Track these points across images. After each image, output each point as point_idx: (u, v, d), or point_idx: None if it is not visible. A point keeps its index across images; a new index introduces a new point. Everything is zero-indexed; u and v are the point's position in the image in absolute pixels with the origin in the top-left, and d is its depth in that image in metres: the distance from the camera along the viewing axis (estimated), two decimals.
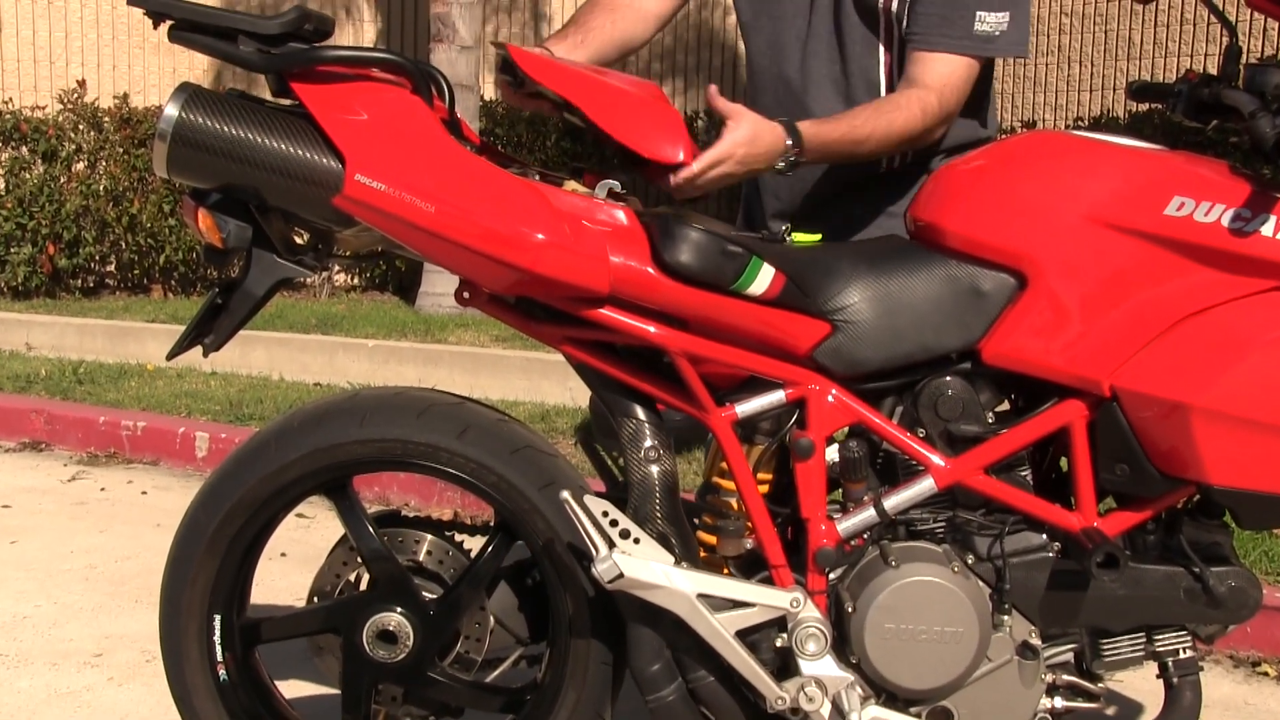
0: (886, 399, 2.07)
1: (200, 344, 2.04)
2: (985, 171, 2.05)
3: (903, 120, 2.28)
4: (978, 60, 2.36)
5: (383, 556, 2.18)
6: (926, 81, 2.32)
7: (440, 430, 2.12)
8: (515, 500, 2.13)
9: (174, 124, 1.87)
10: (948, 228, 2.01)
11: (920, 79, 2.33)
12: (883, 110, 2.29)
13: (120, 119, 9.22)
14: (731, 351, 2.01)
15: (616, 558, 1.95)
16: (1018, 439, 2.02)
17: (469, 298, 2.06)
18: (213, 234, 1.94)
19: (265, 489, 2.14)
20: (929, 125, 2.31)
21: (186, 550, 2.17)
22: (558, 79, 2.00)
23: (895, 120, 2.28)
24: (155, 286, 9.55)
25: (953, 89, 2.34)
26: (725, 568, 2.12)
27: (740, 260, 1.93)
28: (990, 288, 1.99)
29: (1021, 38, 2.37)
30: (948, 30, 2.32)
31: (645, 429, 2.06)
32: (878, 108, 2.30)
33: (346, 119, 1.89)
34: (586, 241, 1.91)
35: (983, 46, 2.34)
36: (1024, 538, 2.05)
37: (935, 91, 2.31)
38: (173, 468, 5.31)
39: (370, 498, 4.65)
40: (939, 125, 2.34)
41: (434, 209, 1.87)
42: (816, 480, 2.02)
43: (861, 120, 2.26)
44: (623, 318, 1.98)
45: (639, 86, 2.04)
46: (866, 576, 2.03)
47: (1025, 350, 1.98)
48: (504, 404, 5.62)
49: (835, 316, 1.98)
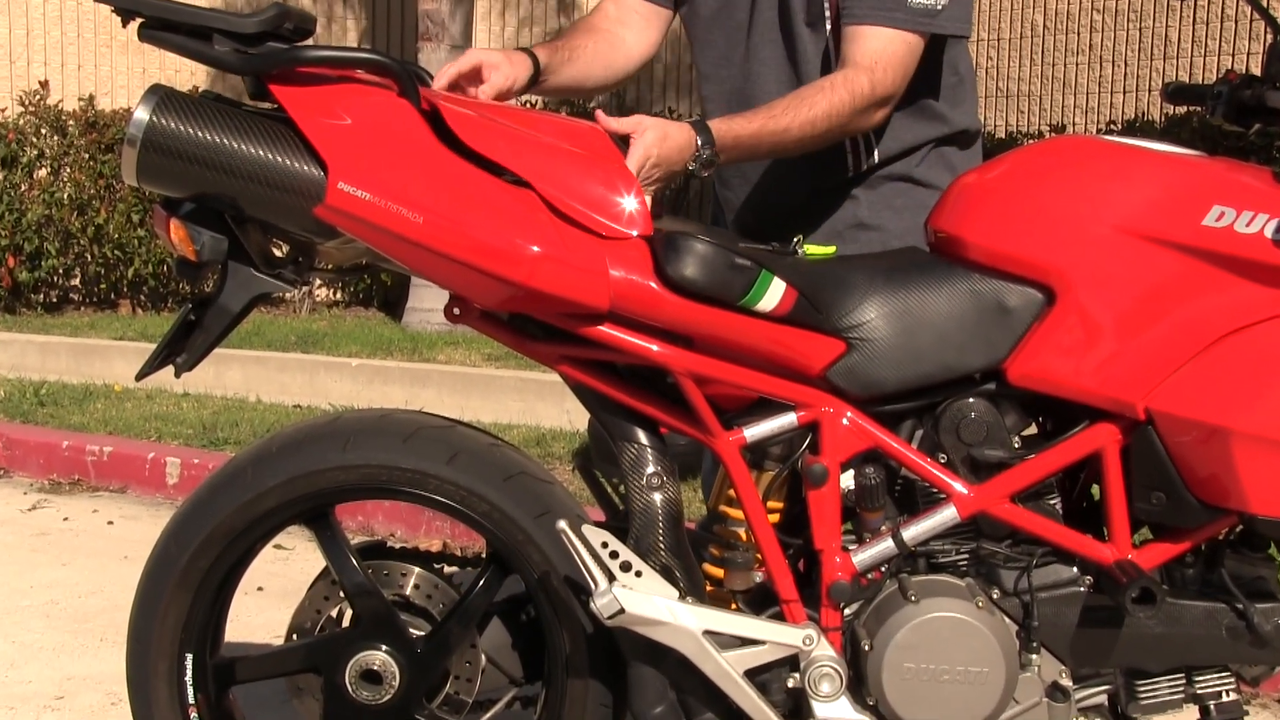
0: (905, 422, 2.07)
1: (172, 363, 2.05)
2: (1011, 180, 2.06)
3: (825, 104, 2.25)
4: (917, 36, 2.34)
5: (367, 591, 2.19)
6: (857, 59, 2.30)
7: (428, 455, 2.13)
8: (509, 530, 2.13)
9: (144, 129, 1.88)
10: (970, 239, 2.01)
11: (851, 57, 2.31)
12: (804, 97, 2.27)
13: (86, 123, 9.25)
14: (739, 371, 2.01)
15: (617, 592, 1.95)
16: (1046, 465, 2.02)
17: (459, 314, 2.07)
18: (185, 246, 1.95)
19: (241, 519, 2.15)
20: (859, 107, 2.28)
21: (156, 584, 2.18)
22: (487, 142, 1.96)
23: (817, 105, 2.25)
24: (123, 302, 9.57)
25: (887, 67, 2.30)
26: (733, 603, 2.12)
27: (749, 274, 1.94)
28: (1016, 303, 1.99)
29: (964, 15, 2.37)
30: (879, 2, 2.31)
31: (647, 454, 2.06)
32: (798, 94, 2.29)
33: (329, 123, 1.90)
34: (585, 254, 1.91)
35: (920, 21, 2.32)
36: (1053, 571, 2.05)
37: (866, 70, 2.28)
38: (141, 496, 5.31)
39: (353, 528, 4.65)
40: (873, 108, 2.31)
41: (422, 219, 1.87)
42: (830, 509, 2.03)
43: (780, 110, 2.25)
44: (624, 335, 1.98)
45: (574, 136, 2.02)
46: (884, 612, 2.03)
47: (1054, 370, 1.98)
48: (496, 427, 5.62)
49: (850, 334, 1.99)
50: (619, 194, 1.95)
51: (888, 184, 2.51)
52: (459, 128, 1.95)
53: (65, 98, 9.69)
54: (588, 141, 2.02)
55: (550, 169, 1.95)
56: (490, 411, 6.08)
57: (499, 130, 1.97)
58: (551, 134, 2.00)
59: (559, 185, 1.94)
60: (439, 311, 6.08)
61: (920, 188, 2.50)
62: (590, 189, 1.94)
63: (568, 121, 2.07)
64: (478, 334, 2.33)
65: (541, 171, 1.94)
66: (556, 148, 1.97)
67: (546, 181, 1.94)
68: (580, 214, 1.93)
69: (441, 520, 4.49)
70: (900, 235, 2.46)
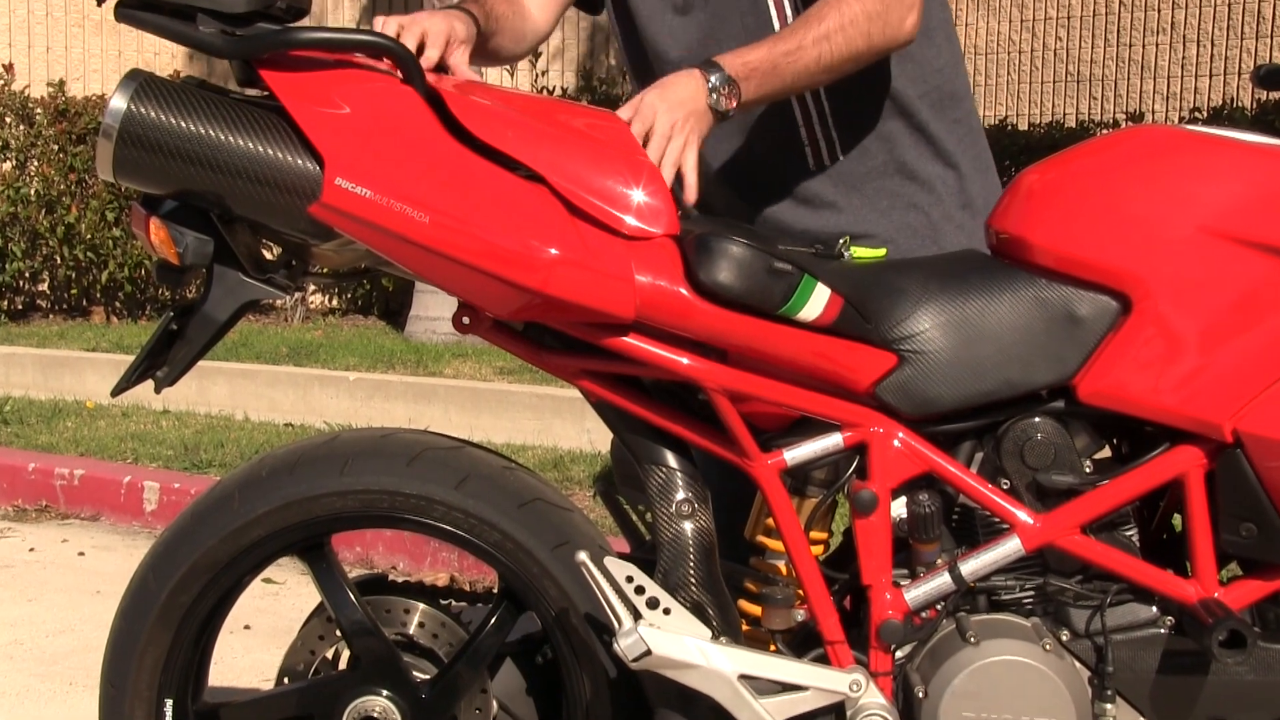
0: (963, 444, 2.08)
1: (151, 378, 2.06)
2: (1082, 175, 2.06)
3: (835, 15, 2.21)
4: None
5: (366, 629, 2.19)
6: None
7: (434, 479, 2.14)
8: (523, 563, 2.14)
9: (121, 118, 1.90)
10: (1036, 241, 2.01)
11: None
12: (809, 14, 2.24)
13: (55, 111, 9.31)
14: (779, 387, 2.02)
15: (643, 631, 1.96)
16: (1121, 492, 2.02)
17: (469, 323, 2.08)
18: (167, 248, 1.96)
19: (227, 549, 2.16)
20: (875, 10, 2.22)
21: (133, 622, 2.19)
22: (497, 132, 1.96)
23: (827, 18, 2.21)
24: (96, 309, 9.62)
25: None
26: (772, 644, 2.13)
27: (789, 280, 1.94)
28: (1088, 312, 1.99)
29: None
30: None
31: (677, 478, 2.07)
32: (803, 14, 2.26)
33: (325, 113, 1.91)
34: (607, 257, 1.92)
35: None
36: (1130, 610, 2.05)
37: None
38: (116, 524, 5.34)
39: (351, 559, 4.66)
40: (897, 7, 2.25)
41: (428, 219, 1.88)
42: (880, 540, 2.03)
43: (786, 32, 2.23)
44: (650, 347, 1.99)
45: (592, 125, 2.03)
46: (940, 655, 2.03)
47: (1130, 387, 1.98)
48: (509, 448, 5.64)
49: (902, 346, 1.99)
50: (641, 188, 1.96)
51: (870, 183, 2.48)
52: (465, 116, 1.96)
53: (32, 83, 9.76)
54: (607, 131, 2.03)
55: (566, 161, 1.95)
56: (503, 431, 6.10)
57: (509, 119, 1.98)
58: (566, 123, 2.01)
59: (576, 179, 1.95)
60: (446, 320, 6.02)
61: (908, 181, 2.48)
62: (610, 183, 1.95)
63: (584, 109, 2.08)
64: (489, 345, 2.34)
65: (557, 164, 1.95)
66: (572, 138, 1.98)
67: (562, 175, 1.95)
68: (600, 211, 1.94)
69: (449, 551, 4.51)
70: (892, 239, 2.44)
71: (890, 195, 2.48)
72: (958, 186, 2.50)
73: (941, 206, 2.49)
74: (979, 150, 2.56)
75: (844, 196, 2.48)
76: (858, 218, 2.48)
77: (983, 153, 2.57)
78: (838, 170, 2.47)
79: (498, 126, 1.96)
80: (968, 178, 2.52)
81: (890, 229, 2.47)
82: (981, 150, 2.57)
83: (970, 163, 2.53)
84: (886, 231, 2.46)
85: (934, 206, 2.49)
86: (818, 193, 2.49)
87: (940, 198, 2.49)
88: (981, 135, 2.58)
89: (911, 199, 2.45)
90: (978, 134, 2.57)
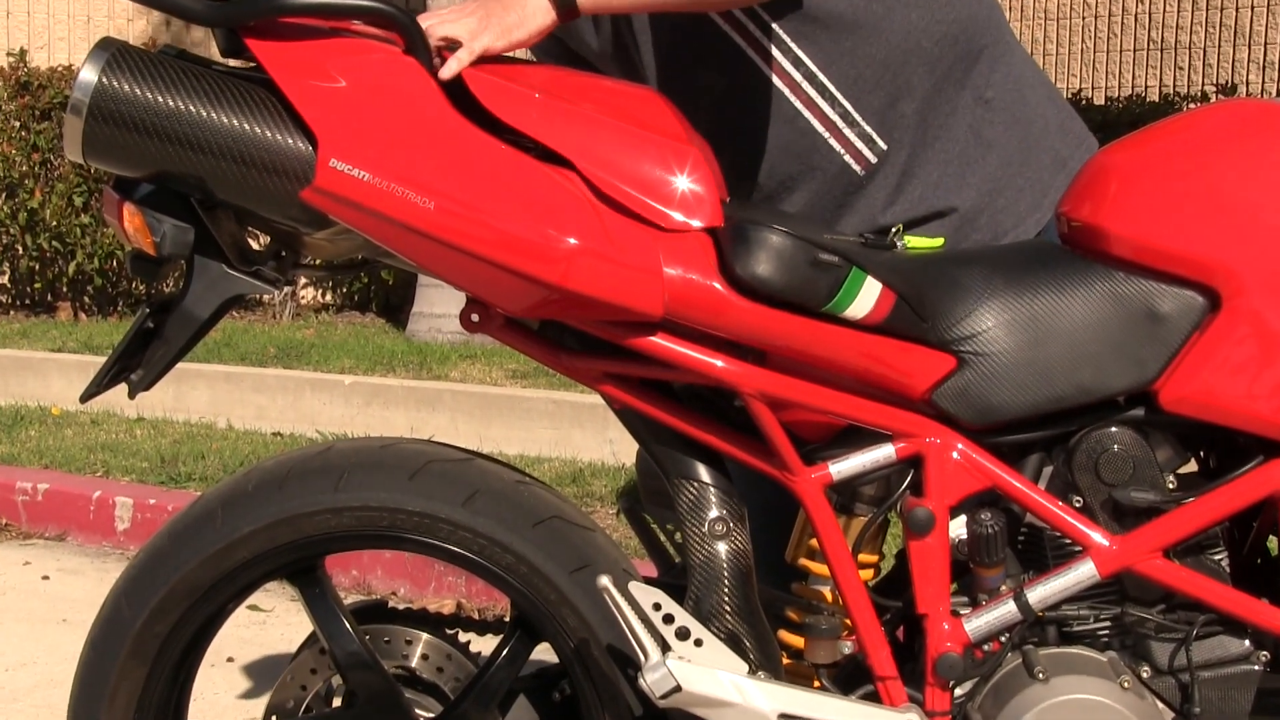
0: (1030, 456, 2.08)
1: (124, 381, 2.07)
2: (1166, 155, 2.06)
3: None
4: None
5: (363, 662, 2.20)
6: None
7: (439, 495, 2.15)
8: (538, 588, 2.15)
9: (91, 92, 1.90)
10: (1113, 230, 2.01)
11: None
12: None
13: (16, 83, 9.33)
14: (824, 393, 2.02)
15: (672, 665, 1.96)
16: (1209, 511, 2.02)
17: (478, 321, 2.08)
18: (142, 237, 1.97)
19: (208, 573, 2.17)
20: None
21: (103, 655, 2.20)
22: (516, 110, 1.97)
23: None
24: (62, 305, 9.65)
25: None
26: (816, 679, 2.13)
27: (836, 273, 1.95)
28: (1171, 310, 1.99)
29: None
30: None
31: (709, 494, 2.07)
32: None
33: (318, 86, 1.92)
34: (634, 249, 1.93)
35: None
36: (1219, 644, 2.05)
37: None
38: (84, 544, 5.35)
39: (347, 584, 4.67)
40: None
41: (433, 205, 1.89)
42: (938, 564, 2.03)
43: None
44: (681, 348, 2.00)
45: (627, 103, 2.03)
46: (1005, 693, 2.03)
47: (1219, 393, 1.98)
48: (523, 460, 5.64)
49: (962, 347, 2.00)
50: (682, 175, 1.96)
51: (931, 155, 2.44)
52: (480, 92, 1.97)
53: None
54: (644, 110, 2.03)
55: (596, 144, 1.96)
56: (516, 441, 6.11)
57: (531, 97, 1.98)
58: (597, 100, 2.01)
59: (606, 164, 1.95)
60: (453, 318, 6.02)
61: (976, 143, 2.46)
62: (645, 169, 1.96)
63: (620, 85, 2.08)
64: (500, 346, 2.35)
65: (584, 147, 1.96)
66: (603, 118, 1.99)
67: (590, 159, 1.95)
68: (632, 199, 1.95)
69: (455, 575, 4.52)
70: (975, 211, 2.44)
71: (963, 153, 2.46)
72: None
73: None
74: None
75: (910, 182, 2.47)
76: (938, 193, 2.45)
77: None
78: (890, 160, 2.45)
79: (519, 105, 1.96)
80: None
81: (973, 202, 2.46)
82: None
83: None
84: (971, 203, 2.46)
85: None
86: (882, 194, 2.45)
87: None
88: (1036, 66, 2.56)
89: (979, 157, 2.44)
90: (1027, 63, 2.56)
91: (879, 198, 2.41)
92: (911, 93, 2.40)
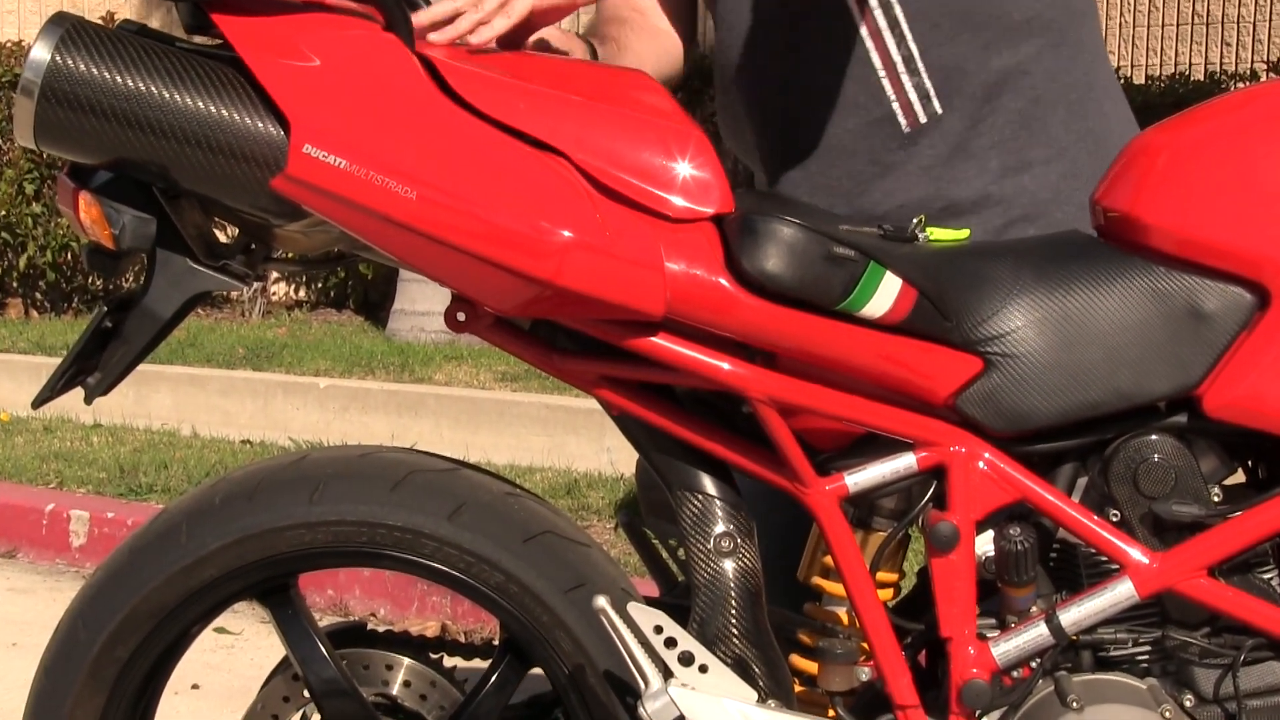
0: (1063, 467, 2.08)
1: (80, 385, 2.08)
2: (1211, 140, 2.06)
3: None
4: None
5: (340, 689, 2.21)
6: None
7: (422, 508, 2.15)
8: (529, 609, 2.15)
9: (44, 72, 1.90)
10: (1153, 221, 2.02)
11: None
12: None
13: None
14: (839, 398, 2.03)
15: (674, 693, 1.97)
16: (1257, 527, 2.02)
17: (464, 320, 2.09)
18: (100, 229, 1.98)
19: (172, 593, 2.17)
20: None
21: (58, 681, 2.20)
22: (502, 101, 1.97)
23: None
24: (12, 302, 9.66)
25: None
26: (831, 708, 2.14)
27: (852, 268, 1.95)
28: (1216, 308, 2.00)
29: None
30: None
31: (715, 508, 2.08)
32: None
33: (291, 66, 1.92)
34: (633, 242, 1.93)
35: None
36: (1268, 670, 2.05)
37: None
38: (36, 562, 5.36)
39: (322, 605, 4.68)
40: None
41: (415, 194, 1.89)
42: (963, 583, 2.03)
43: None
44: (684, 350, 2.00)
45: (620, 88, 2.05)
46: None
47: (1267, 398, 1.98)
48: (513, 471, 5.65)
49: (989, 348, 2.00)
50: (684, 160, 1.97)
51: (998, 117, 2.46)
52: (464, 87, 1.96)
53: None
54: (636, 93, 2.04)
55: (589, 131, 1.96)
56: (505, 450, 6.12)
57: (518, 88, 1.98)
58: (586, 85, 2.02)
59: (601, 151, 1.95)
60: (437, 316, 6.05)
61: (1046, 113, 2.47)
62: (644, 154, 1.96)
63: (610, 71, 2.09)
64: (488, 346, 2.36)
65: (577, 135, 1.96)
66: (598, 106, 1.99)
67: (584, 147, 1.95)
68: (631, 187, 1.95)
69: (440, 595, 4.52)
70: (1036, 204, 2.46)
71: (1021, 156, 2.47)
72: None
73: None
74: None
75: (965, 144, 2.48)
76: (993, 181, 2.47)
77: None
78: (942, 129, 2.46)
79: (506, 97, 1.97)
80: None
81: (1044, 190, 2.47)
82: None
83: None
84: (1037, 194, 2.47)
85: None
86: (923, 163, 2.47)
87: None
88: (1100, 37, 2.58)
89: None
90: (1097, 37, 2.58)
91: (920, 166, 2.42)
92: (986, 64, 2.41)
